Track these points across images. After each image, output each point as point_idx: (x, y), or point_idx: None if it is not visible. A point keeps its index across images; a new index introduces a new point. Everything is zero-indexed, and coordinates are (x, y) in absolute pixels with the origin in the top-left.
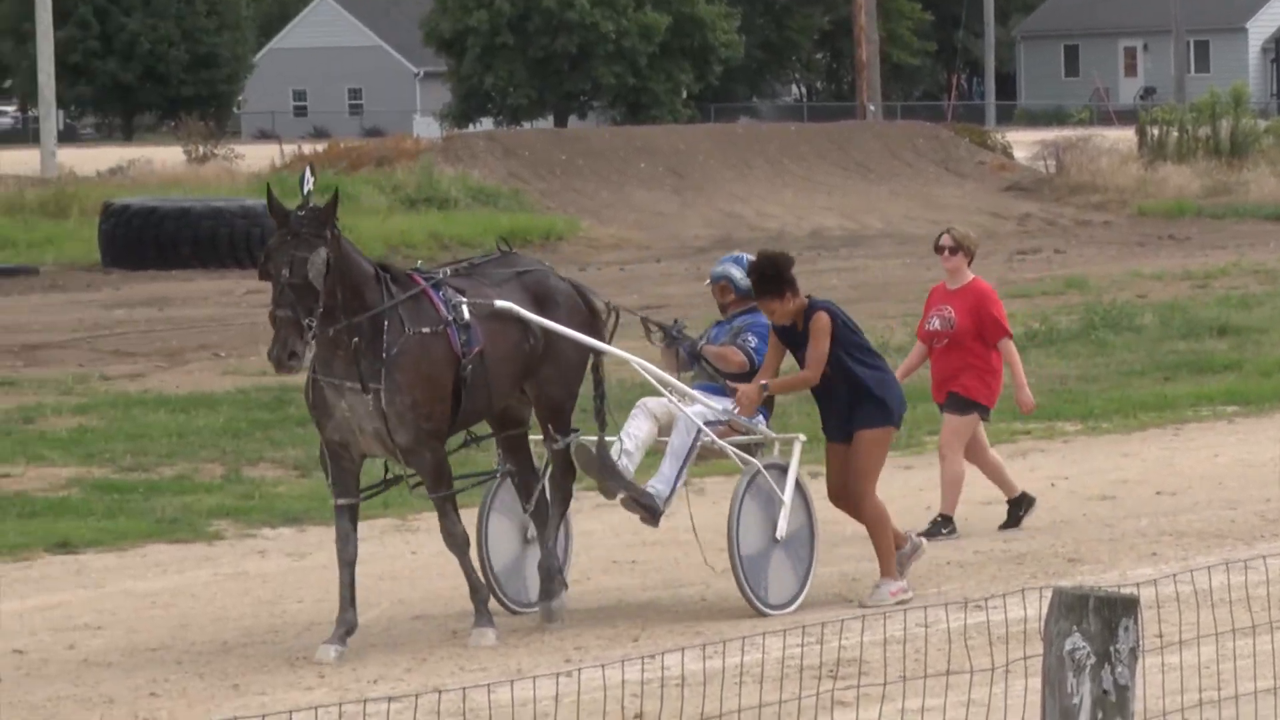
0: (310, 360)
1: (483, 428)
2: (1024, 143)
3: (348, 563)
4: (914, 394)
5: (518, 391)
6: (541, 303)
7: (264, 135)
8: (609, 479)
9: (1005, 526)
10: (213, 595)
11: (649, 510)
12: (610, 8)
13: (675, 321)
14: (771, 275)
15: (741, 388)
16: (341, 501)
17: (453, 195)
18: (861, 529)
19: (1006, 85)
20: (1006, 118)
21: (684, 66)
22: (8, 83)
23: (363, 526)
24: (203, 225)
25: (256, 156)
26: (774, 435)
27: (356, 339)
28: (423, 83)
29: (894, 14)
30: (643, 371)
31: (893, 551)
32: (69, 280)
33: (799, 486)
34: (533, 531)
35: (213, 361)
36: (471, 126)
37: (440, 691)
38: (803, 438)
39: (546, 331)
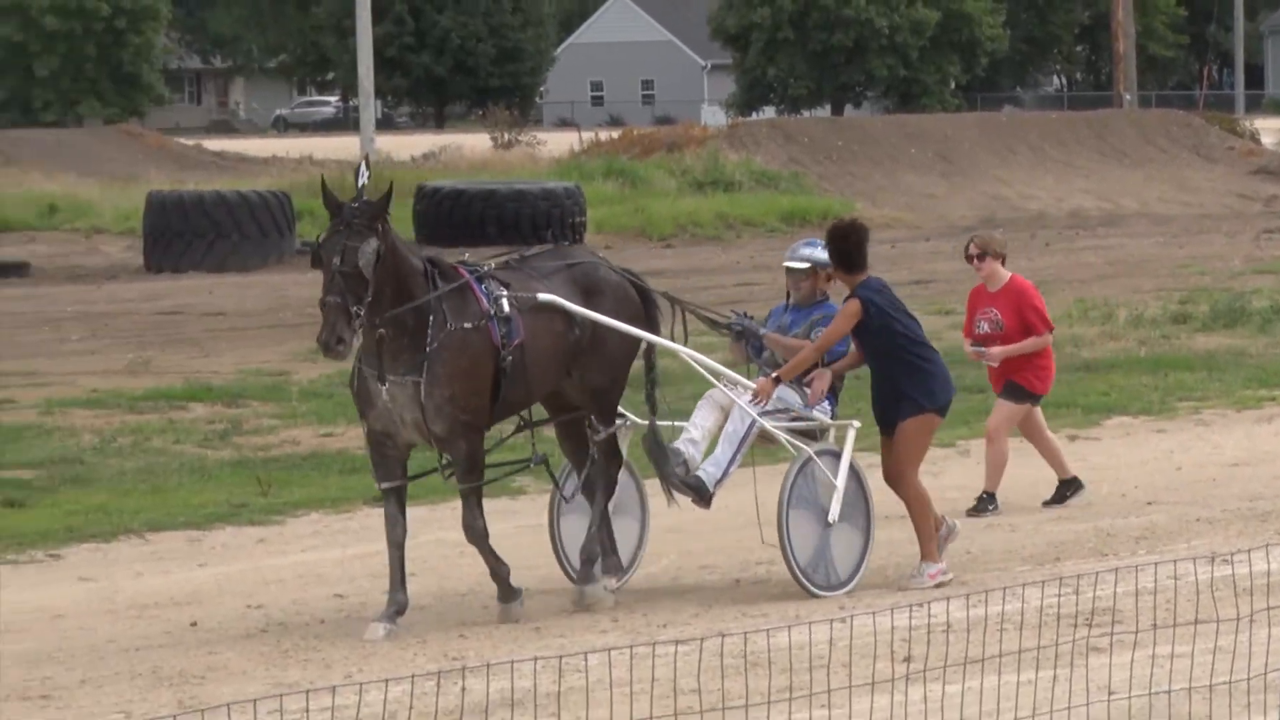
0: (356, 348)
1: (540, 413)
2: (1271, 129)
3: (396, 544)
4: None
5: (560, 381)
6: (589, 294)
7: (564, 123)
8: (661, 461)
9: (1050, 504)
10: (515, 545)
11: (698, 492)
12: (884, 4)
13: (743, 314)
14: (844, 250)
15: (759, 381)
16: (385, 486)
17: (737, 179)
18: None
19: (1255, 76)
20: (1255, 106)
21: (952, 59)
22: (331, 75)
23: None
24: (507, 206)
25: (557, 143)
26: (829, 422)
27: (401, 332)
28: (710, 74)
29: (1150, 8)
30: (692, 361)
31: (933, 535)
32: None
33: (854, 472)
34: (610, 506)
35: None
36: (754, 115)
37: (724, 635)
38: (857, 424)
39: (593, 322)
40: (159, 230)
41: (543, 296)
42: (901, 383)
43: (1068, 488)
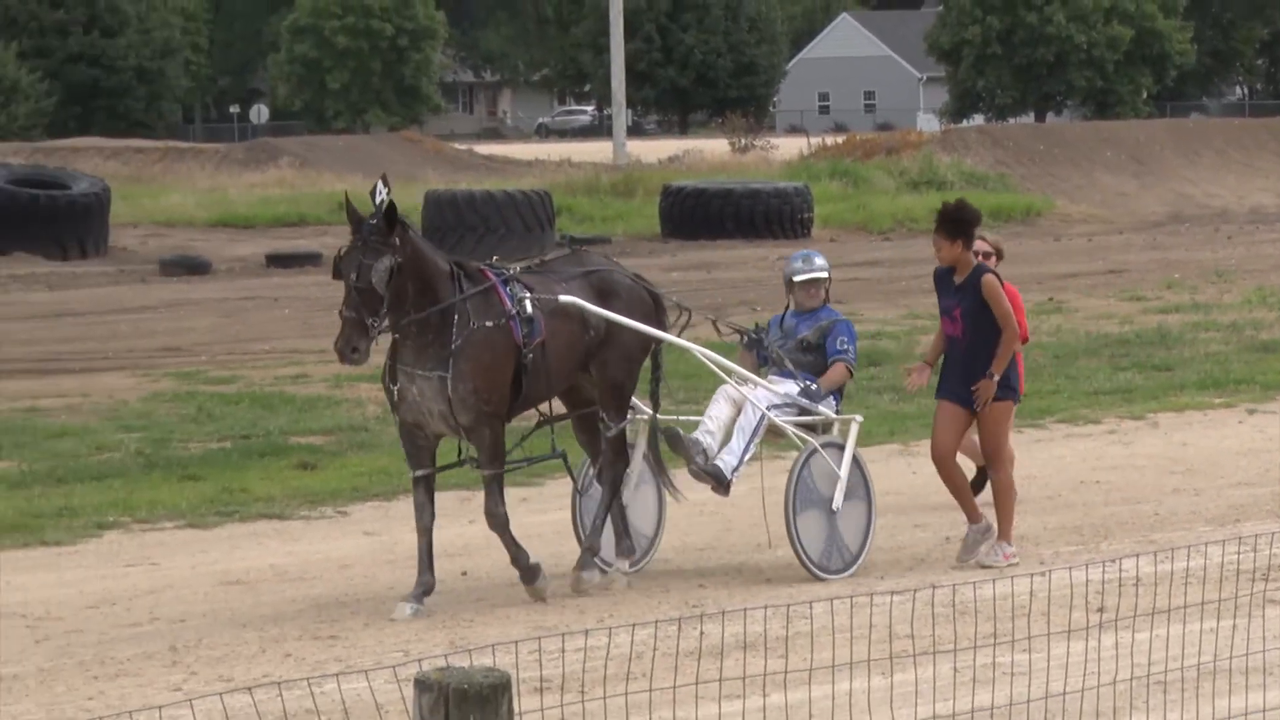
0: (369, 352)
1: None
2: None
3: (424, 530)
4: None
5: (577, 377)
6: (605, 296)
7: (794, 129)
8: (678, 449)
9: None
10: (752, 505)
11: (717, 479)
12: (1083, 23)
13: (756, 326)
14: (958, 219)
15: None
16: (418, 474)
17: (949, 179)
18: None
19: None
20: None
21: (1144, 71)
22: (587, 87)
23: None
24: (743, 204)
25: (788, 147)
26: (834, 416)
27: (426, 329)
28: (925, 86)
29: None
30: (703, 359)
31: (1013, 518)
32: (635, 248)
33: (857, 463)
34: (626, 497)
35: (750, 314)
36: (965, 122)
37: (934, 587)
38: (860, 419)
39: (609, 322)
40: (435, 224)
41: (564, 298)
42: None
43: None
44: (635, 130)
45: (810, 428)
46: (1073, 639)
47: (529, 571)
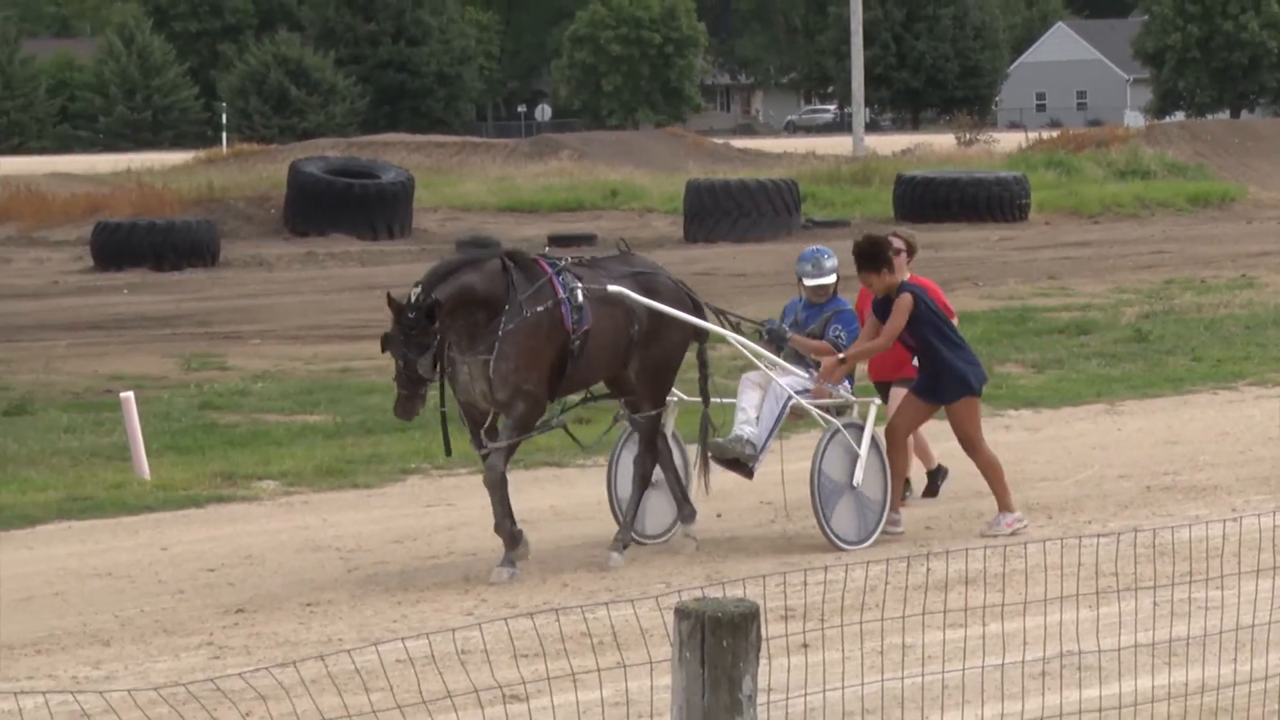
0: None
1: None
2: None
3: (499, 490)
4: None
5: (618, 367)
6: (649, 293)
7: (1013, 126)
8: (728, 454)
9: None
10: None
11: (743, 466)
12: (1275, 30)
13: (769, 320)
14: (872, 254)
15: (825, 362)
16: (482, 453)
17: (1152, 169)
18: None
19: None
20: None
21: None
22: (830, 89)
23: (1079, 411)
24: (967, 191)
25: (1008, 141)
26: (854, 399)
27: (475, 319)
28: (1131, 86)
29: None
30: (740, 346)
31: (1007, 490)
32: (871, 230)
33: (874, 442)
34: (657, 473)
35: (973, 289)
36: (1167, 118)
37: (1136, 530)
38: (878, 401)
39: (651, 317)
40: (695, 209)
41: (612, 288)
42: (940, 370)
43: (938, 476)
44: (872, 126)
45: (834, 410)
46: (1261, 578)
47: (511, 538)
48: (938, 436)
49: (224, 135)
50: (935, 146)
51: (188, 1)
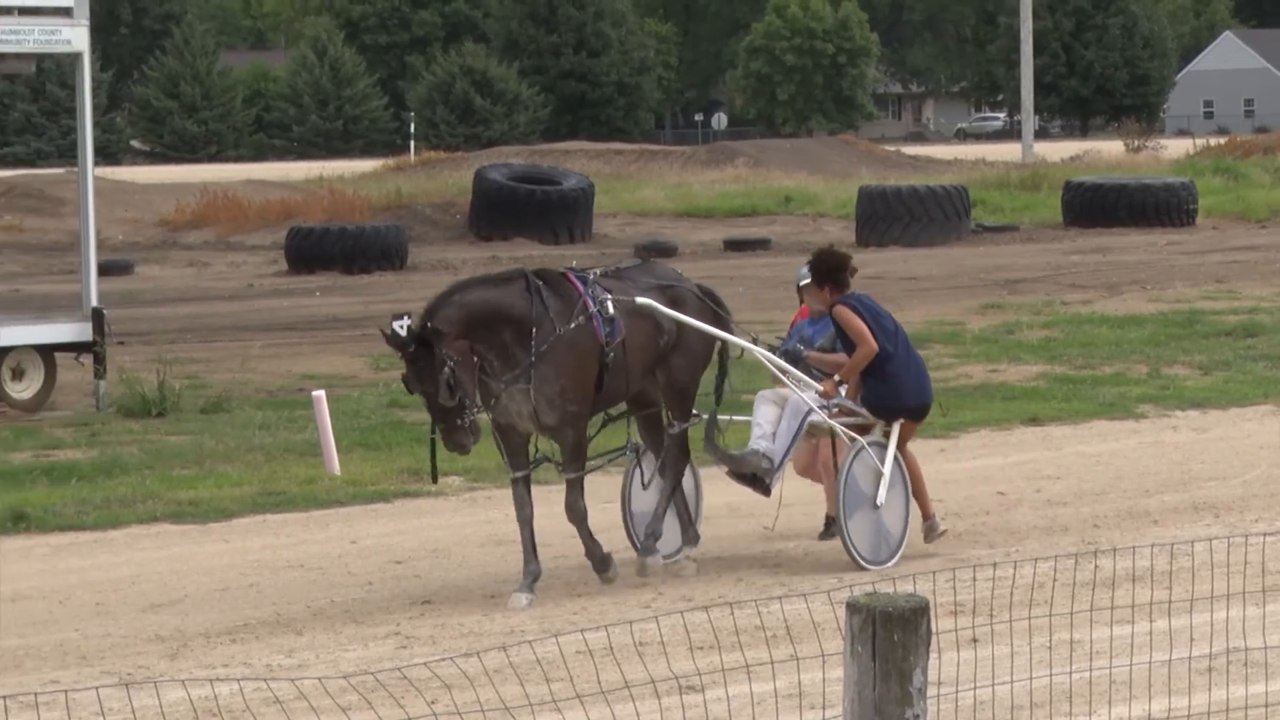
0: (479, 428)
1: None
2: None
3: (526, 521)
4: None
5: (648, 378)
6: (675, 304)
7: (1181, 133)
8: (744, 467)
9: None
10: (1139, 457)
11: (759, 482)
12: None
13: (783, 341)
14: (832, 268)
15: (824, 385)
16: (516, 475)
17: None
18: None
19: None
20: None
21: None
22: (1000, 97)
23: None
24: (1135, 196)
25: (1175, 148)
26: (873, 418)
27: (505, 342)
28: None
29: None
30: (763, 359)
31: (928, 498)
32: (1039, 235)
33: (896, 461)
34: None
35: (1140, 292)
36: None
37: (1265, 536)
38: (901, 419)
39: (678, 327)
40: (867, 214)
41: (640, 300)
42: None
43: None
44: (1041, 134)
45: (858, 428)
46: None
47: (602, 562)
48: (955, 455)
49: (412, 143)
50: (1104, 153)
51: (378, 14)
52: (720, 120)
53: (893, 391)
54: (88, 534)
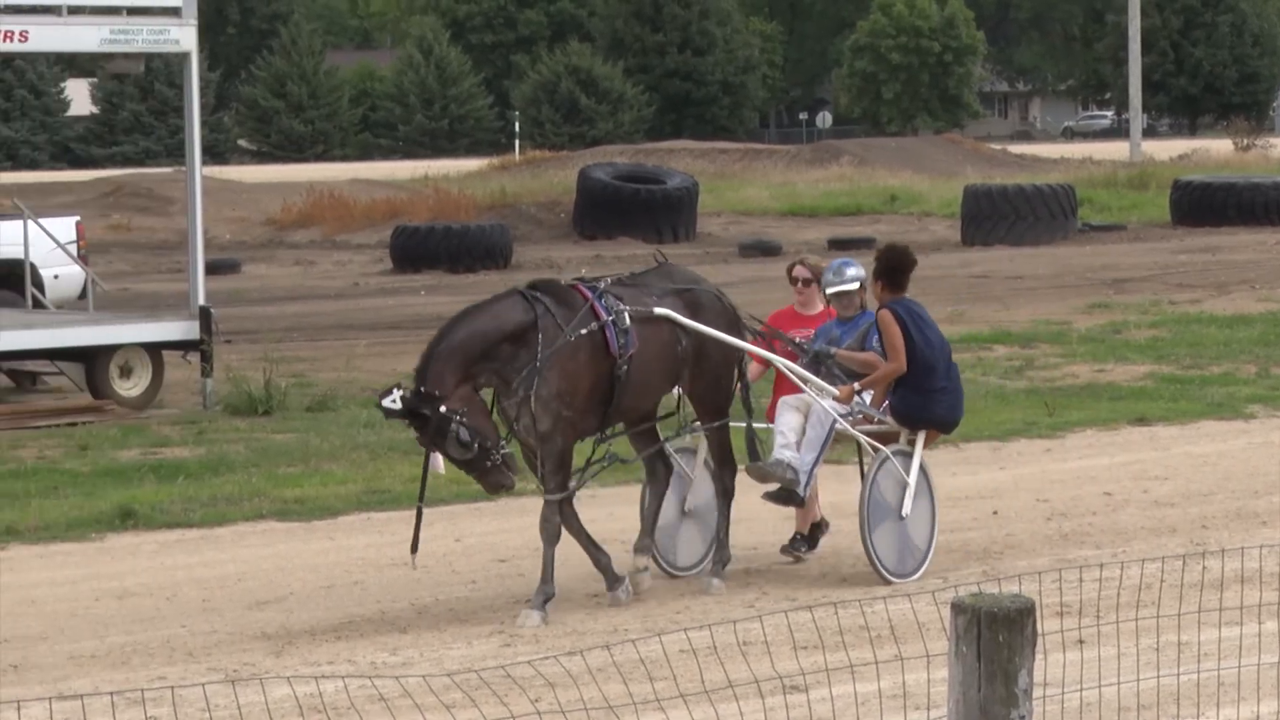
0: (516, 463)
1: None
2: None
3: (579, 532)
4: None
5: (669, 388)
6: (694, 311)
7: None
8: (767, 478)
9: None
10: (1247, 458)
11: (792, 496)
12: None
13: (811, 343)
14: (889, 265)
15: (840, 390)
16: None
17: None
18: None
19: None
20: None
21: None
22: (1107, 95)
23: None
24: (1244, 195)
25: None
26: (899, 426)
27: (511, 357)
28: None
29: None
30: (783, 369)
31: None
32: (1147, 234)
33: (923, 470)
34: (690, 504)
35: (1250, 292)
36: None
37: None
38: (926, 430)
39: (697, 336)
40: (973, 214)
41: (658, 310)
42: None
43: (820, 529)
44: (1149, 132)
45: (882, 437)
46: None
47: (543, 594)
48: (1061, 455)
49: (517, 142)
50: (1212, 152)
51: (483, 14)
52: (825, 119)
53: (926, 405)
54: (194, 531)
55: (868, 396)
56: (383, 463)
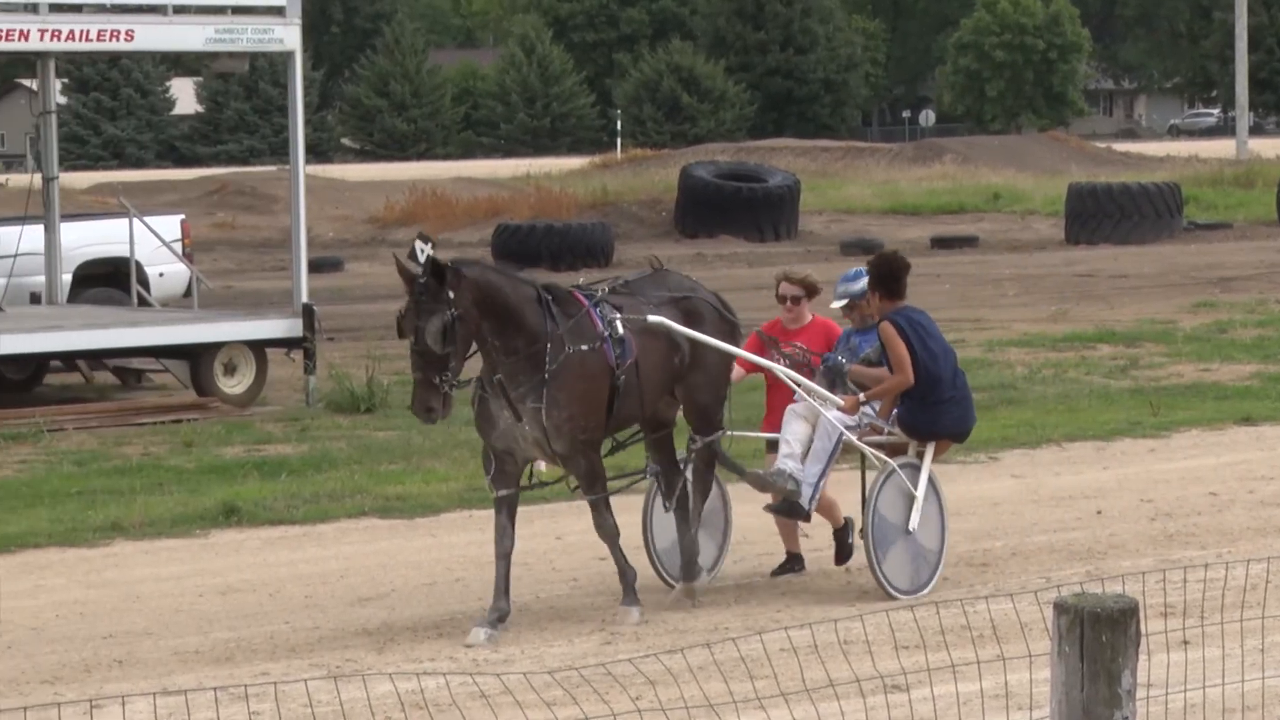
0: (451, 404)
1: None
2: None
3: (504, 555)
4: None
5: (666, 397)
6: (691, 319)
7: None
8: (766, 488)
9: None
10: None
11: (794, 511)
12: None
13: (826, 355)
14: (881, 274)
15: (845, 400)
16: (501, 494)
17: None
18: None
19: None
20: None
21: None
22: (1214, 93)
23: None
24: None
25: None
26: (906, 438)
27: (518, 358)
28: None
29: None
30: (784, 377)
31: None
32: (1253, 232)
33: (931, 483)
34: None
35: None
36: None
37: None
38: (935, 441)
39: (693, 343)
40: (1077, 212)
41: (652, 318)
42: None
43: (848, 532)
44: (1256, 130)
45: (889, 449)
46: None
47: (631, 594)
48: (1166, 455)
49: (618, 141)
50: None
51: (586, 12)
52: (928, 117)
53: (933, 417)
54: (297, 528)
55: (874, 407)
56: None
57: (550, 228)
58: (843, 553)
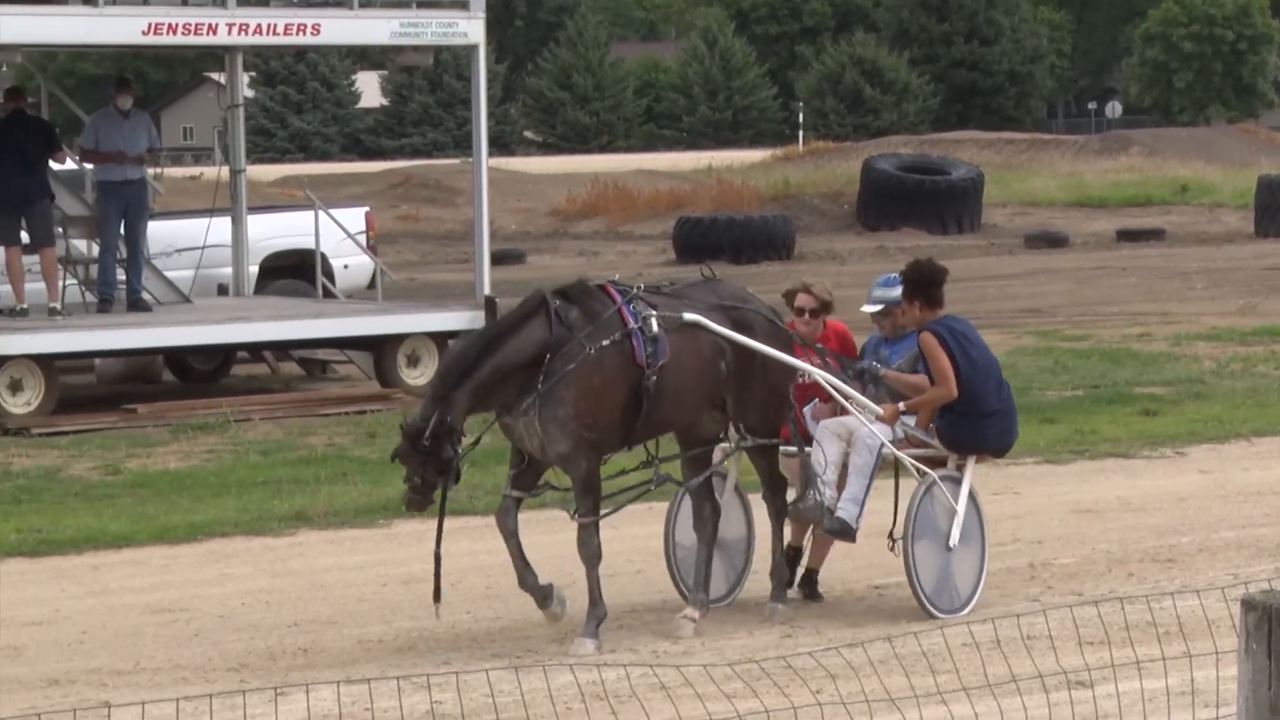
0: None
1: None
2: None
3: (510, 534)
4: None
5: (711, 412)
6: (740, 328)
7: None
8: (800, 519)
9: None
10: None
11: (844, 534)
12: None
13: (861, 361)
14: (916, 282)
15: (884, 409)
16: (510, 494)
17: None
18: None
19: None
20: None
21: None
22: None
23: None
24: None
25: None
26: (946, 450)
27: (523, 368)
28: None
29: None
30: (826, 385)
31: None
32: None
33: (971, 498)
34: (719, 535)
35: None
36: None
37: None
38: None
39: (739, 356)
40: (1267, 205)
41: (687, 316)
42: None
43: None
44: None
45: (930, 461)
46: None
47: (592, 618)
48: (1265, 460)
49: (800, 133)
50: None
51: (768, 5)
52: (1114, 109)
53: (976, 431)
54: (479, 519)
55: (912, 418)
56: (665, 452)
57: (731, 220)
58: (805, 585)
